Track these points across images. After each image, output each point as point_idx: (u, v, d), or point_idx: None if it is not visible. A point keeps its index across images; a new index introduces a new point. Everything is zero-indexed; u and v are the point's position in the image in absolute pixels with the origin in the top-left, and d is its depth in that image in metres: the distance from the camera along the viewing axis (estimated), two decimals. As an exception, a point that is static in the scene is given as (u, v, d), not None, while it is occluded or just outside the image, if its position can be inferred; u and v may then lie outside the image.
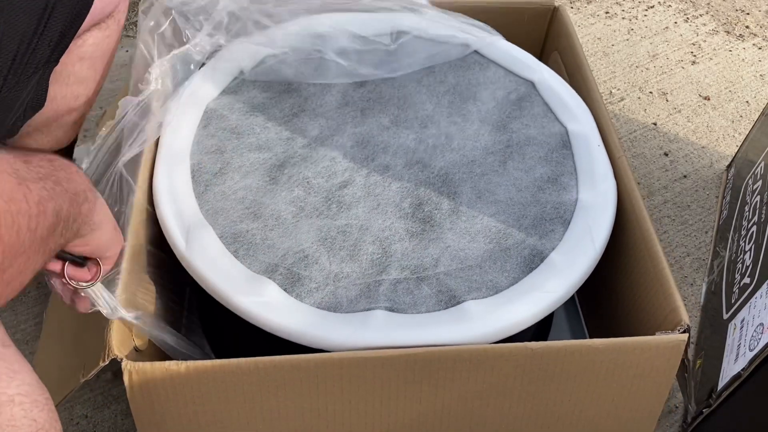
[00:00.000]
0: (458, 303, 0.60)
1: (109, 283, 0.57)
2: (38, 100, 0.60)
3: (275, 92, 0.77)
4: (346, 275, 0.62)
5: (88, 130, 0.97)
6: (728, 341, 0.70)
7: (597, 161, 0.72)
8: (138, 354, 0.59)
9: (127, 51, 1.13)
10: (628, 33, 1.23)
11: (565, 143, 0.74)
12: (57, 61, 0.58)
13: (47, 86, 0.60)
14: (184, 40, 0.75)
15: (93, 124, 0.98)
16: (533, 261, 0.64)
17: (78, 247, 0.49)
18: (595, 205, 0.68)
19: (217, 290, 0.60)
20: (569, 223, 0.67)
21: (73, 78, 0.69)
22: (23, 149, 0.45)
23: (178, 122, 0.72)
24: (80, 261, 0.52)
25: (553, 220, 0.67)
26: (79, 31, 0.61)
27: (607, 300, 0.73)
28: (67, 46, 0.58)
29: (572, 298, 0.82)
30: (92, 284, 0.52)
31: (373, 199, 0.68)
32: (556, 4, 0.90)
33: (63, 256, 0.50)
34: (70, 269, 0.52)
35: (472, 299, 0.60)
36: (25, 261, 0.38)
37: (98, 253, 0.52)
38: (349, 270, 0.62)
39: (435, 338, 0.57)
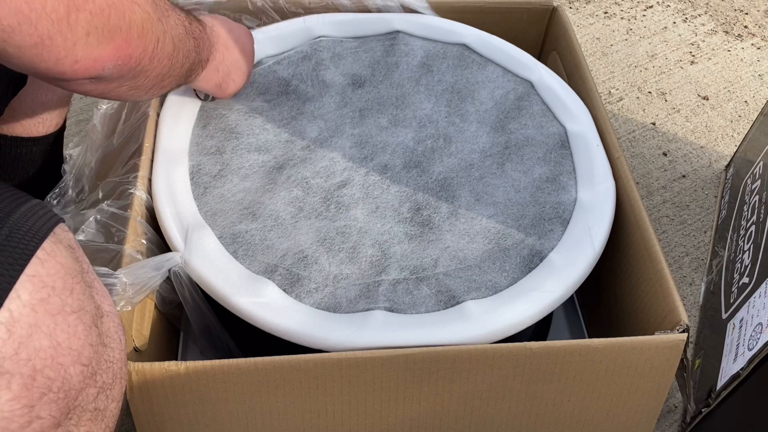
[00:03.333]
0: (458, 303, 0.60)
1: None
2: (19, 77, 0.61)
3: (273, 93, 0.77)
4: (346, 276, 0.62)
5: (78, 133, 0.97)
6: (727, 341, 0.70)
7: (596, 161, 0.72)
8: (138, 354, 0.59)
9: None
10: (627, 33, 1.23)
11: (563, 143, 0.74)
12: None
13: None
14: None
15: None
16: (532, 261, 0.64)
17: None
18: (594, 205, 0.68)
19: (216, 291, 0.60)
20: (568, 223, 0.67)
21: None
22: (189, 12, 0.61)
23: (176, 122, 0.72)
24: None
25: (552, 219, 0.67)
26: None
27: (606, 300, 0.73)
28: None
29: (571, 298, 0.82)
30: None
31: (372, 201, 0.68)
32: (555, 4, 0.90)
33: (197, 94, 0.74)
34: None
35: (472, 299, 0.60)
36: (169, 82, 0.58)
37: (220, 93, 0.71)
38: (349, 271, 0.62)
39: (435, 338, 0.57)
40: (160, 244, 0.66)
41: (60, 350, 0.40)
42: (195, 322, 0.64)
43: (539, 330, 0.75)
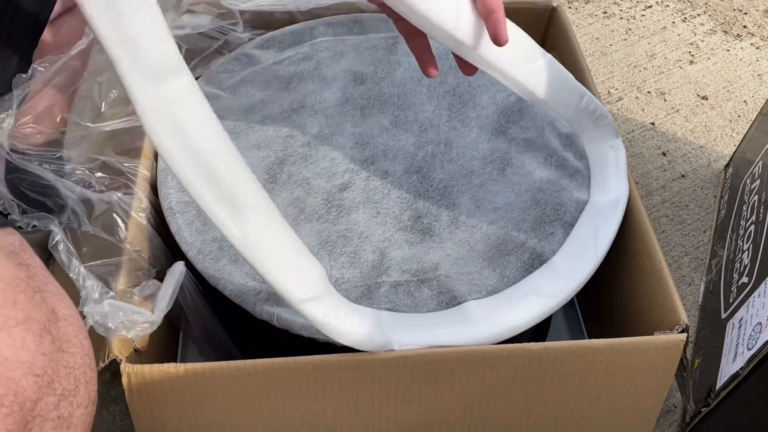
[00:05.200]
0: (459, 305, 0.60)
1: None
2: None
3: (274, 90, 0.77)
4: (347, 279, 0.62)
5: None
6: (726, 340, 0.70)
7: (608, 163, 0.71)
8: (137, 355, 0.59)
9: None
10: (626, 33, 1.23)
11: (566, 145, 0.74)
12: (36, 43, 0.58)
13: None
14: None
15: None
16: (533, 264, 0.64)
17: None
18: (603, 209, 0.67)
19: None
20: (572, 226, 0.67)
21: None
22: None
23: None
24: None
25: (554, 222, 0.67)
26: (52, 15, 0.61)
27: (605, 300, 0.73)
28: (42, 28, 0.58)
29: (571, 298, 0.82)
30: None
31: (373, 206, 0.68)
32: (554, 4, 0.90)
33: None
34: None
35: (473, 300, 0.60)
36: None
37: None
38: (350, 275, 0.62)
39: (437, 341, 0.57)
40: (162, 248, 0.66)
41: (7, 365, 0.39)
42: (196, 325, 0.64)
43: (538, 331, 0.75)
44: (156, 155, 0.70)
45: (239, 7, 0.80)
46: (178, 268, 0.59)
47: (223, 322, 0.66)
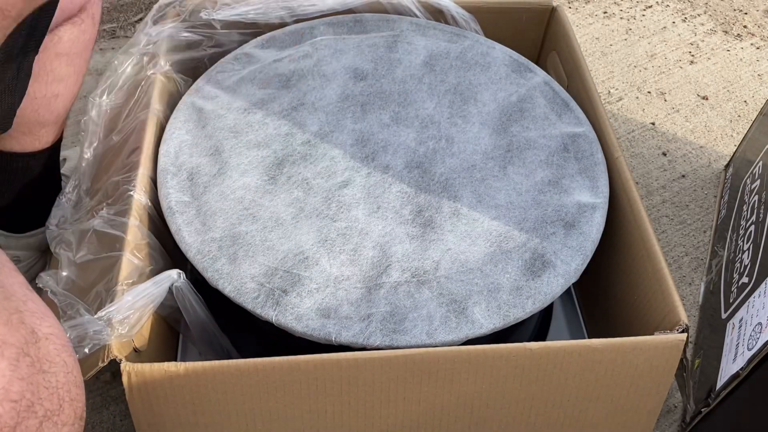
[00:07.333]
0: (459, 306, 0.60)
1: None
2: (20, 91, 0.60)
3: (274, 88, 0.77)
4: (347, 277, 0.62)
5: (76, 135, 0.96)
6: (727, 341, 0.70)
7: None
8: (137, 355, 0.59)
9: (113, 49, 1.13)
10: (627, 33, 1.23)
11: (566, 146, 0.74)
12: (36, 50, 0.57)
13: (29, 76, 0.59)
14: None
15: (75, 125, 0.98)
16: (534, 264, 0.64)
17: None
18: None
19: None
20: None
21: (51, 76, 0.68)
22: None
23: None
24: None
25: (555, 222, 0.67)
26: (52, 25, 0.60)
27: (605, 300, 0.73)
28: (42, 36, 0.57)
29: (571, 298, 0.82)
30: None
31: (373, 201, 0.68)
32: (554, 4, 0.90)
33: None
34: None
35: (474, 303, 0.60)
36: None
37: None
38: (350, 272, 0.62)
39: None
40: (159, 248, 0.66)
41: None
42: (196, 331, 0.64)
43: (539, 330, 0.75)
44: (156, 155, 0.70)
45: (212, 17, 0.80)
46: (167, 275, 0.58)
47: (222, 323, 0.66)
